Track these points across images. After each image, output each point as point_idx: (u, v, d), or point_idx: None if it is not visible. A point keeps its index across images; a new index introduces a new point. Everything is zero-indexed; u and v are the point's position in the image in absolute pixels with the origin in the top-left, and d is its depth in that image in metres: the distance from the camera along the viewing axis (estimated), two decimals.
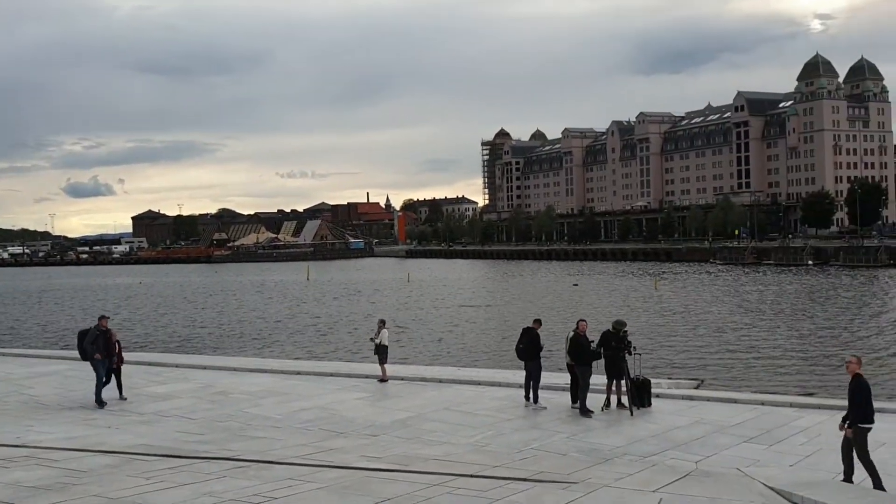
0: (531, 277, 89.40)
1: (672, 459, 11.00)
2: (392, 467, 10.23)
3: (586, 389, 14.14)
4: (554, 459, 10.90)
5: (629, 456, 11.25)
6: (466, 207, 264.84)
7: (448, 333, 38.24)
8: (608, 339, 14.43)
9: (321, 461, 10.65)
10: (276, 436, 12.83)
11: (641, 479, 9.69)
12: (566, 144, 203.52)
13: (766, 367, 26.01)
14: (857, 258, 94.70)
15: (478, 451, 11.53)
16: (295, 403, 15.80)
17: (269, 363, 22.41)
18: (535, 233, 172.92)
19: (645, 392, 14.58)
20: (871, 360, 25.38)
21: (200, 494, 8.54)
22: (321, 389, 17.44)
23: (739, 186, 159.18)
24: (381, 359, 18.23)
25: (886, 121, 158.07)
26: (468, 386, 17.39)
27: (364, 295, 68.53)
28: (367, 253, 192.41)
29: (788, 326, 38.09)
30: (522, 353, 14.96)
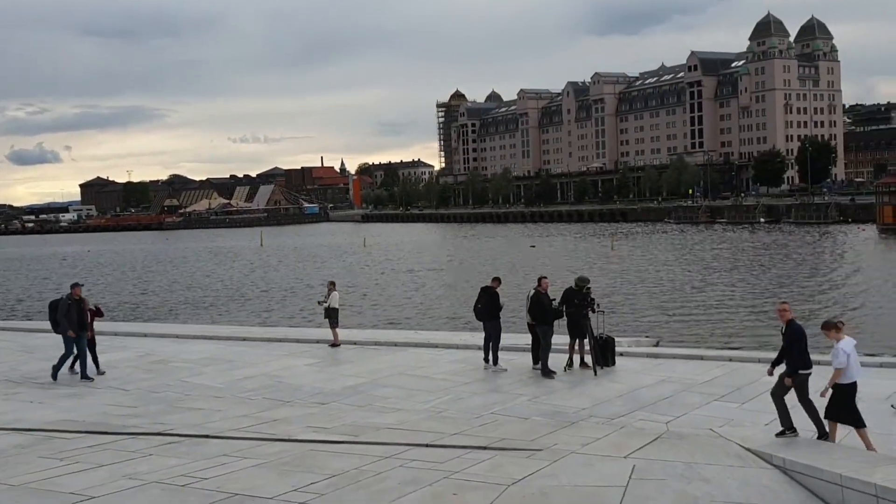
0: (488, 240, 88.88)
1: (641, 421, 10.32)
2: (340, 438, 9.36)
3: (548, 349, 13.39)
4: (516, 425, 10.13)
5: (595, 418, 10.54)
6: (423, 171, 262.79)
7: (405, 297, 37.39)
8: (570, 297, 13.68)
9: (262, 434, 9.73)
10: (215, 407, 11.85)
11: (611, 443, 8.97)
12: (522, 106, 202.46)
13: (728, 324, 25.72)
14: (809, 215, 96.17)
15: (434, 418, 10.71)
16: (239, 371, 14.80)
17: (214, 330, 21.25)
18: (492, 196, 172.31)
19: (609, 351, 13.89)
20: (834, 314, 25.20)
21: (119, 476, 7.57)
22: (268, 356, 16.45)
23: (693, 146, 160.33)
24: (332, 323, 17.29)
25: (836, 80, 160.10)
26: (424, 349, 16.56)
27: (319, 260, 67.25)
28: (323, 218, 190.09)
29: (747, 283, 38.07)
30: (481, 313, 14.13)
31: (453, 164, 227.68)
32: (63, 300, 14.24)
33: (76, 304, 14.12)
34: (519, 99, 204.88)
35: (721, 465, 8.16)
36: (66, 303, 14.07)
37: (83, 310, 14.26)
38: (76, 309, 14.07)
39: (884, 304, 29.81)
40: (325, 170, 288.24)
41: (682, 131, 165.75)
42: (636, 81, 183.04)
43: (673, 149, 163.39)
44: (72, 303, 14.07)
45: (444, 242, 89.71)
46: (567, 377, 13.38)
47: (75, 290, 14.29)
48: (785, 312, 9.24)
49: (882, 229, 76.07)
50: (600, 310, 13.77)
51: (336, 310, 17.25)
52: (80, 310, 14.14)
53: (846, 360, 8.57)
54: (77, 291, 14.29)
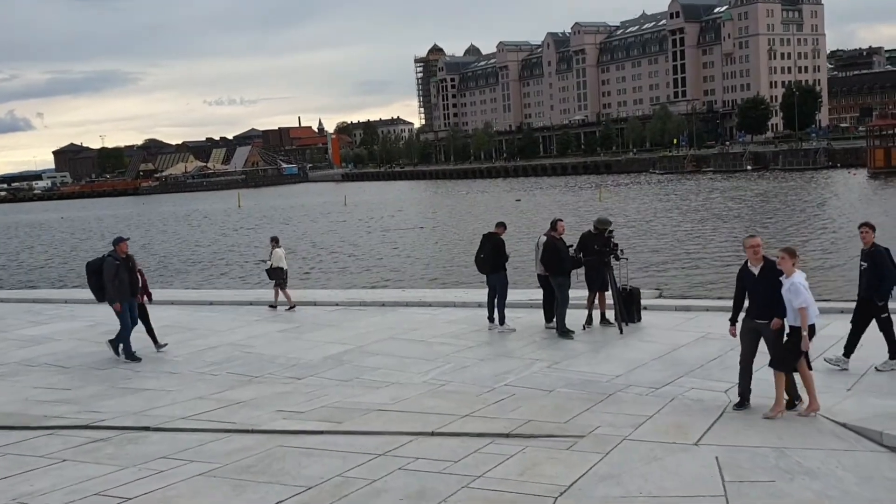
0: (473, 195, 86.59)
1: (693, 390, 8.30)
2: (319, 427, 7.29)
3: (565, 304, 11.32)
4: (539, 400, 8.10)
5: (635, 388, 8.51)
6: (402, 129, 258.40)
7: (391, 256, 35.20)
8: (589, 242, 11.59)
9: (219, 423, 7.63)
10: (167, 385, 9.72)
11: (669, 423, 6.96)
12: (501, 59, 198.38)
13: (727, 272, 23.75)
14: (797, 161, 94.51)
15: (436, 394, 8.66)
16: (202, 341, 12.65)
17: (177, 294, 18.98)
18: (474, 151, 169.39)
19: (634, 304, 11.86)
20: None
21: (7, 500, 5.44)
22: (237, 322, 14.30)
23: (676, 95, 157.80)
24: (279, 283, 15.24)
25: (819, 23, 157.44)
26: (417, 309, 14.46)
27: (298, 220, 64.77)
28: (302, 178, 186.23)
29: (747, 231, 36.18)
30: (484, 263, 12.00)
31: (433, 120, 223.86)
32: (108, 259, 11.20)
33: (124, 265, 11.20)
34: (498, 52, 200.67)
35: (822, 450, 6.17)
36: (114, 263, 11.07)
37: (133, 270, 11.42)
38: (125, 270, 11.18)
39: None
40: (302, 130, 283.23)
41: (665, 80, 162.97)
42: (617, 31, 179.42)
43: (656, 99, 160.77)
44: (120, 262, 11.13)
45: (428, 199, 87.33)
46: (587, 337, 11.36)
47: (121, 246, 11.29)
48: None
49: (873, 173, 74.58)
50: (624, 256, 11.67)
51: (282, 269, 15.22)
52: (129, 271, 11.31)
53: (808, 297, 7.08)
54: (123, 247, 11.33)
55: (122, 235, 11.75)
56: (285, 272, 15.42)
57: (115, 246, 11.37)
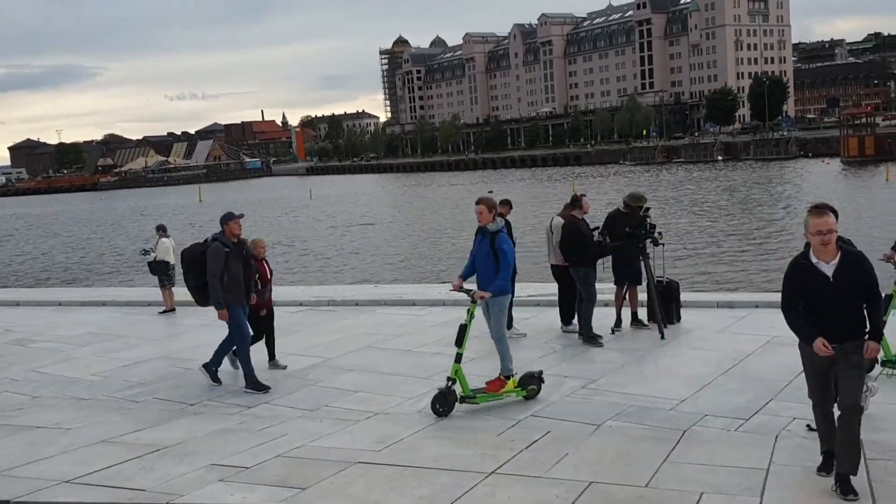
0: (442, 188, 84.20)
1: (796, 421, 5.96)
2: (269, 498, 4.79)
3: (592, 302, 8.93)
4: (588, 440, 5.70)
5: (715, 419, 6.15)
6: (368, 122, 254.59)
7: (362, 250, 32.61)
8: (618, 224, 9.22)
9: (116, 491, 5.09)
10: (67, 420, 7.13)
11: (801, 481, 4.59)
12: (468, 50, 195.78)
13: (753, 265, 21.66)
14: (768, 151, 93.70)
15: (440, 433, 6.21)
16: (129, 353, 10.03)
17: (113, 293, 16.28)
18: (441, 144, 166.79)
19: (673, 301, 9.52)
20: None
21: None
22: (180, 326, 11.71)
23: (643, 87, 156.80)
24: (163, 280, 12.77)
25: (785, 14, 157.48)
26: (398, 309, 11.96)
27: (260, 213, 61.76)
28: (265, 172, 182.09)
29: (740, 222, 34.32)
30: None
31: (399, 113, 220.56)
32: (214, 245, 7.90)
33: (236, 251, 8.05)
34: (465, 43, 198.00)
35: None
36: (222, 250, 7.86)
37: (248, 259, 8.23)
38: (239, 258, 8.07)
39: None
40: (266, 124, 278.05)
41: (632, 72, 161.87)
42: (584, 22, 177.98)
43: (623, 90, 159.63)
44: (231, 249, 7.95)
45: (396, 192, 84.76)
46: (620, 343, 8.97)
47: (231, 226, 8.00)
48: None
49: (847, 162, 73.68)
50: (662, 241, 9.28)
51: (168, 263, 12.70)
52: (243, 260, 8.14)
53: None
54: (234, 227, 8.03)
55: (232, 211, 8.26)
56: (172, 267, 12.80)
57: (222, 226, 8.04)
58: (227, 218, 8.13)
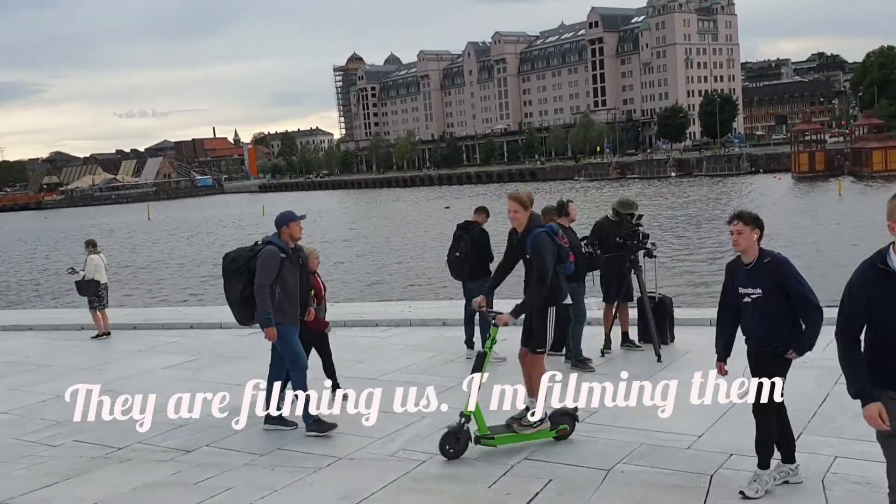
0: (398, 204, 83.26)
1: (839, 460, 5.03)
2: None
3: (582, 322, 7.98)
4: (595, 492, 4.69)
5: (742, 460, 5.19)
6: (322, 139, 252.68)
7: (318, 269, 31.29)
8: (608, 234, 8.30)
9: None
10: None
11: None
12: (422, 67, 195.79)
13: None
14: (721, 167, 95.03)
15: (417, 485, 5.13)
16: (50, 385, 8.74)
17: (40, 316, 14.81)
18: (397, 160, 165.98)
19: (667, 319, 8.62)
20: None
21: None
22: (110, 353, 10.43)
23: (596, 104, 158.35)
24: (93, 302, 11.55)
25: (734, 34, 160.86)
26: (359, 330, 10.85)
27: (209, 231, 59.96)
28: (217, 190, 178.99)
29: (699, 237, 33.96)
30: (461, 265, 8.52)
31: (354, 129, 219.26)
32: (267, 249, 6.38)
33: (293, 258, 6.54)
34: (419, 61, 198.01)
35: None
36: (277, 255, 6.35)
37: (305, 269, 6.81)
38: (296, 268, 6.57)
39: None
40: (217, 141, 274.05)
41: (585, 89, 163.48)
42: (537, 41, 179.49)
43: (576, 107, 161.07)
44: (287, 255, 6.44)
45: (351, 209, 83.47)
46: (612, 367, 8.01)
47: (292, 228, 6.50)
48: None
49: (798, 177, 74.77)
50: (656, 253, 8.38)
51: (100, 283, 11.52)
52: (302, 270, 6.70)
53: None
54: (296, 229, 6.54)
55: (293, 211, 6.67)
56: (104, 287, 11.65)
57: (280, 227, 6.48)
58: (288, 218, 6.51)
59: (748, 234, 4.63)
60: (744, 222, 4.64)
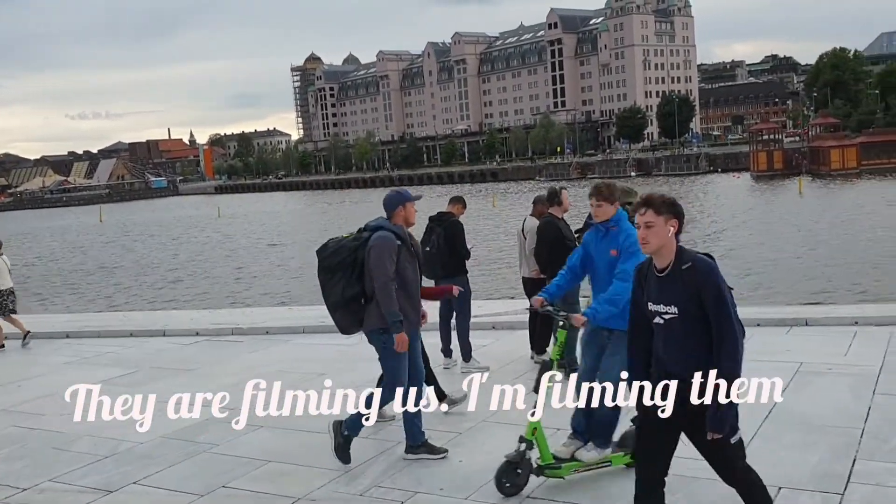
0: (358, 205, 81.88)
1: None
2: None
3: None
4: None
5: (805, 493, 4.28)
6: (279, 140, 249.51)
7: (272, 272, 30.03)
8: None
9: None
10: None
11: None
12: (382, 68, 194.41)
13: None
14: (679, 166, 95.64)
15: None
16: None
17: None
18: (356, 161, 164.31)
19: None
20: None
21: None
22: (39, 365, 9.15)
23: (556, 105, 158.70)
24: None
25: (690, 35, 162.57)
26: (320, 337, 9.70)
27: (163, 233, 58.04)
28: (172, 191, 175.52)
29: None
30: (433, 261, 7.42)
31: (312, 130, 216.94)
32: (381, 236, 5.18)
33: (408, 247, 5.32)
34: (378, 61, 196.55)
35: None
36: (393, 242, 5.18)
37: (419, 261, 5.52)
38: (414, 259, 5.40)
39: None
40: (173, 142, 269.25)
41: (545, 90, 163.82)
42: (497, 41, 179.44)
43: (536, 108, 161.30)
44: (403, 242, 5.27)
45: (310, 210, 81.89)
46: None
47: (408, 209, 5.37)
48: None
49: (756, 176, 75.31)
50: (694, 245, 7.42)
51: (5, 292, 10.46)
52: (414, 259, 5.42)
53: None
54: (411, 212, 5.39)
55: (406, 189, 5.57)
56: (9, 292, 10.52)
57: (392, 210, 5.32)
58: (403, 198, 5.31)
59: (661, 226, 3.37)
60: (654, 210, 3.38)
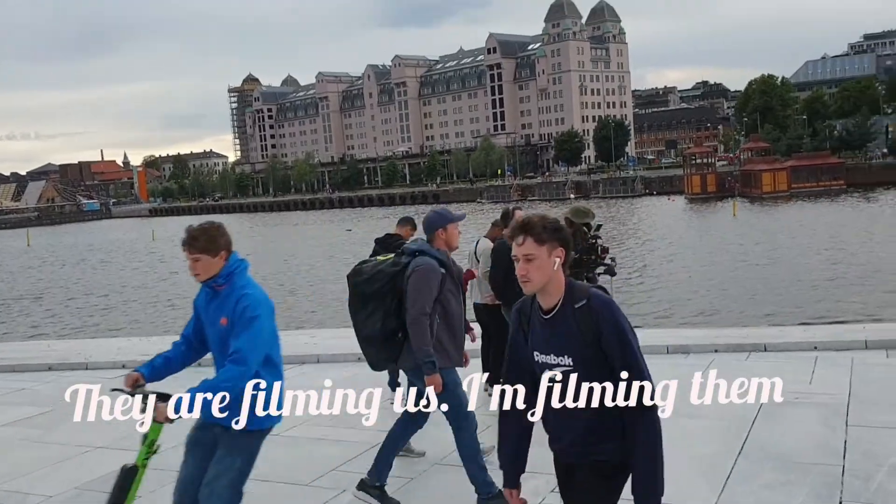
0: (298, 228, 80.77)
1: None
2: None
3: None
4: None
5: None
6: (216, 162, 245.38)
7: None
8: None
9: None
10: None
11: None
12: (321, 89, 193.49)
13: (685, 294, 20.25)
14: (616, 189, 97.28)
15: None
16: None
17: None
18: (295, 183, 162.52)
19: None
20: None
21: None
22: None
23: (496, 128, 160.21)
24: None
25: (625, 62, 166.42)
26: None
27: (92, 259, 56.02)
28: (105, 214, 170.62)
29: None
30: None
31: (250, 151, 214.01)
32: (425, 263, 4.51)
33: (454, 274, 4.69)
34: (318, 82, 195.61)
35: None
36: (437, 270, 4.51)
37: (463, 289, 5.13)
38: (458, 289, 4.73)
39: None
40: (106, 164, 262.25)
41: (485, 114, 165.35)
42: (437, 65, 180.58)
43: (477, 131, 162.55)
44: (448, 270, 4.60)
45: (248, 233, 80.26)
46: None
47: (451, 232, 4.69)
48: None
49: (690, 199, 76.97)
50: (618, 269, 7.10)
51: None
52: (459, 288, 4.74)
53: None
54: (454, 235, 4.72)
55: (448, 209, 4.89)
56: None
57: (431, 232, 4.69)
58: (444, 219, 4.67)
59: (544, 258, 2.63)
60: (535, 239, 2.63)
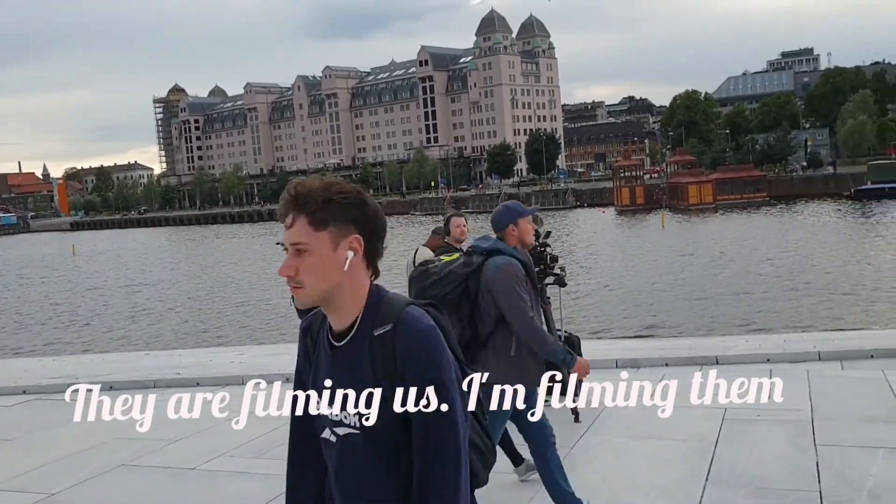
0: (226, 241, 78.62)
1: None
2: None
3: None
4: None
5: None
6: (140, 174, 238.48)
7: (130, 316, 27.58)
8: None
9: None
10: None
11: None
12: (250, 100, 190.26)
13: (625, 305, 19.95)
14: (548, 201, 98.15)
15: None
16: None
17: None
18: (223, 195, 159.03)
19: None
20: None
21: None
22: None
23: (429, 141, 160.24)
24: None
25: (554, 76, 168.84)
26: (175, 392, 8.29)
27: (8, 274, 53.24)
28: (22, 228, 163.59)
29: None
30: None
31: (176, 164, 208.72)
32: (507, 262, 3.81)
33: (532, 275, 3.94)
34: (246, 93, 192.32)
35: None
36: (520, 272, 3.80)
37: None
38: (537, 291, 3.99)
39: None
40: (23, 176, 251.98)
41: (418, 126, 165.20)
42: (368, 77, 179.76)
43: (409, 143, 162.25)
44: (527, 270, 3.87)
45: (173, 247, 77.78)
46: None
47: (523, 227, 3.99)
48: None
49: (620, 210, 78.22)
50: (569, 280, 6.63)
51: None
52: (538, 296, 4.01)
53: None
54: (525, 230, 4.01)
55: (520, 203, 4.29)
56: None
57: (502, 228, 4.03)
58: (515, 213, 4.06)
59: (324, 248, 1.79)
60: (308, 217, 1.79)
